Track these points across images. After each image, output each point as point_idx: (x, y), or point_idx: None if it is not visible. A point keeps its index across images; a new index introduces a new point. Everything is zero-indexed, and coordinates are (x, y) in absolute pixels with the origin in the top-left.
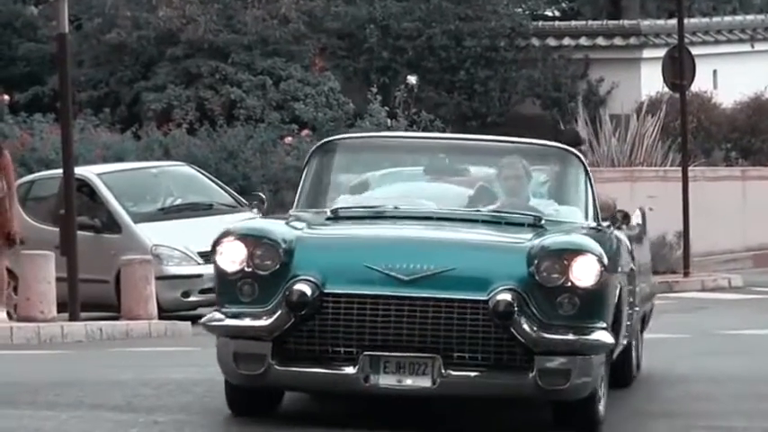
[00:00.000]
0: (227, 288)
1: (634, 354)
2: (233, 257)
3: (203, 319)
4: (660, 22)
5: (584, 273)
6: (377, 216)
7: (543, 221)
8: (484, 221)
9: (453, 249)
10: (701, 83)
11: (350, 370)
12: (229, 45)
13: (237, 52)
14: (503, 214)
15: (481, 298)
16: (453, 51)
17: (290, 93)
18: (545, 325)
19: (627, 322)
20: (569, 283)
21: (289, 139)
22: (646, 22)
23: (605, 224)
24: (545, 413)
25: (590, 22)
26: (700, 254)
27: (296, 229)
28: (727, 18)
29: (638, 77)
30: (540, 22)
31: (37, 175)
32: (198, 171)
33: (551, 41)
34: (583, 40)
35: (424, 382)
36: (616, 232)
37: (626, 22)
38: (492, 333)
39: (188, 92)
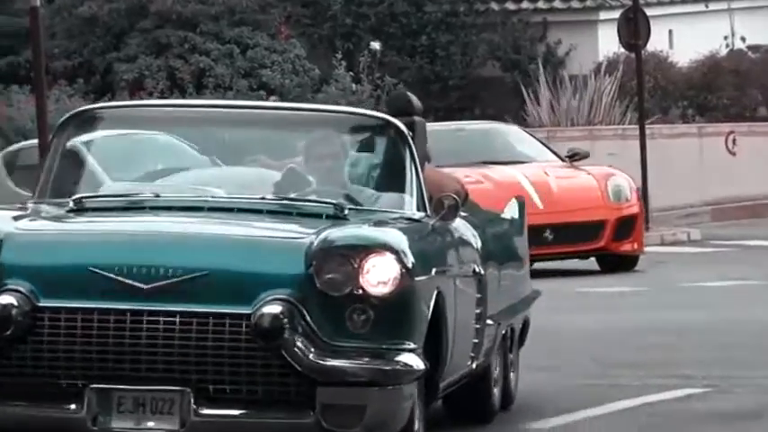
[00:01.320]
0: None
1: (494, 382)
2: None
3: None
4: None
5: (378, 276)
6: (131, 207)
7: (347, 211)
8: (270, 212)
9: (209, 248)
10: (656, 43)
11: (73, 409)
12: (197, 16)
13: (205, 22)
14: (296, 203)
15: (244, 311)
16: (414, 17)
17: (258, 60)
18: (329, 346)
19: (473, 340)
20: (360, 291)
21: None
22: None
23: (426, 214)
24: None
25: None
26: (659, 209)
27: (11, 223)
28: None
29: (596, 39)
30: None
31: (24, 143)
32: (179, 140)
33: (510, 5)
34: (541, 4)
35: (171, 425)
36: (448, 224)
37: None
38: (259, 358)
39: (158, 61)
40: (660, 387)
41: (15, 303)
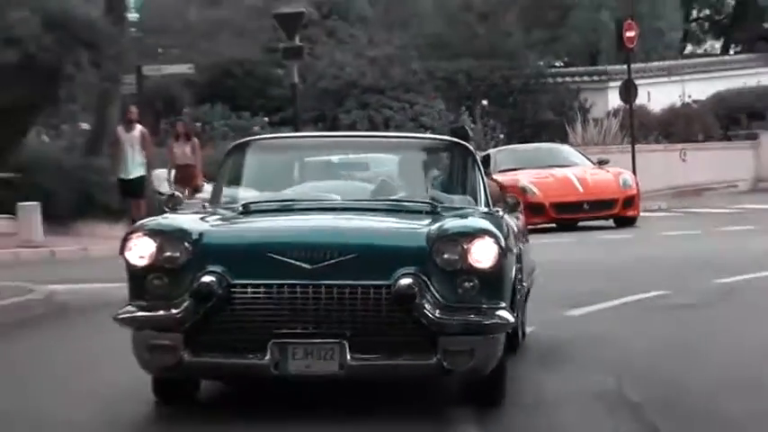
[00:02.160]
0: (137, 282)
1: (520, 324)
2: (142, 252)
3: (117, 314)
4: (618, 66)
5: (483, 255)
6: (284, 209)
7: (439, 208)
8: (384, 210)
9: (355, 237)
10: (641, 99)
11: (260, 358)
12: (386, 86)
13: (389, 90)
14: (402, 203)
15: (384, 283)
16: (506, 86)
17: (419, 112)
18: (447, 307)
19: (518, 298)
20: (469, 266)
21: None
22: (610, 67)
23: (495, 210)
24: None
25: (580, 68)
26: (644, 192)
27: (205, 223)
28: (654, 63)
29: (607, 97)
30: (553, 69)
31: None
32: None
33: (559, 79)
34: (577, 78)
35: (332, 367)
36: (506, 217)
37: (599, 67)
38: (396, 317)
39: (363, 113)
40: (639, 291)
41: (215, 281)
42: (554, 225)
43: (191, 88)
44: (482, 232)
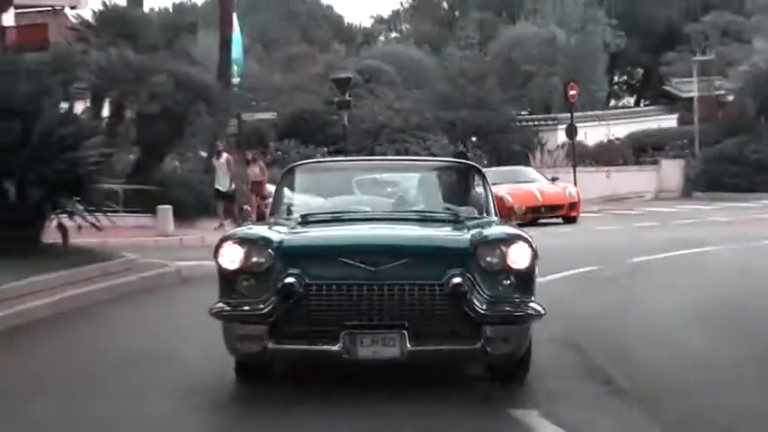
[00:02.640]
0: (228, 283)
1: None
2: (232, 258)
3: (212, 309)
4: (564, 114)
5: (519, 257)
6: (335, 219)
7: (462, 218)
8: (415, 219)
9: (410, 243)
10: (580, 137)
11: (333, 345)
12: (407, 128)
13: (409, 130)
14: (432, 213)
15: (437, 282)
16: (486, 128)
17: (430, 145)
18: (489, 301)
19: None
20: (507, 266)
21: None
22: (559, 115)
23: (504, 219)
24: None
25: (538, 116)
26: (582, 199)
27: (280, 233)
28: (589, 112)
29: (557, 135)
30: (520, 116)
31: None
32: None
33: (524, 123)
34: (536, 122)
35: (394, 353)
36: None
37: (551, 115)
38: (447, 310)
39: (392, 146)
40: (579, 267)
41: (296, 282)
42: (522, 222)
43: (275, 129)
44: (518, 238)
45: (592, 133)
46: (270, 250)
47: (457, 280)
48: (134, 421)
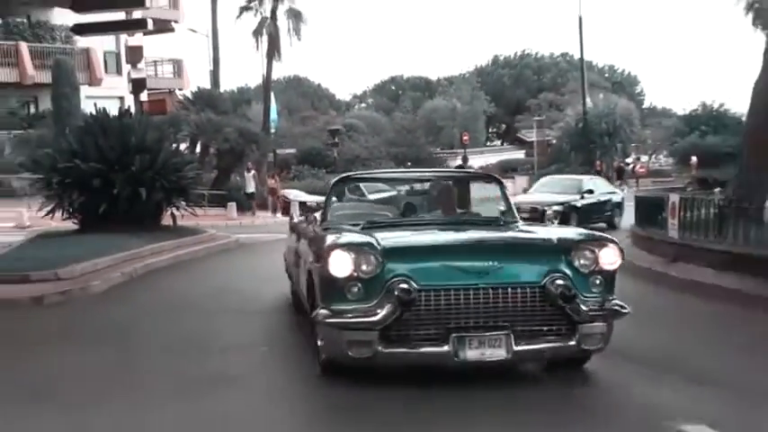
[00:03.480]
0: (335, 290)
1: None
2: (342, 265)
3: (317, 317)
4: (460, 150)
5: (609, 258)
6: (398, 225)
7: (502, 221)
8: (470, 222)
9: (506, 246)
10: (470, 163)
11: (443, 348)
12: (371, 159)
13: (374, 160)
14: (473, 218)
15: (537, 283)
16: (418, 159)
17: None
18: (584, 301)
19: None
20: (600, 267)
21: None
22: (457, 150)
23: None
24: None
25: (447, 150)
26: None
27: (379, 238)
28: (474, 149)
29: (456, 162)
30: (436, 151)
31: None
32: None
33: (440, 156)
34: (445, 154)
35: (501, 353)
36: None
37: (453, 150)
38: (547, 310)
39: (362, 168)
40: None
41: (409, 288)
42: None
43: (295, 158)
44: (607, 240)
45: (477, 161)
46: (377, 255)
47: (553, 281)
48: (210, 328)
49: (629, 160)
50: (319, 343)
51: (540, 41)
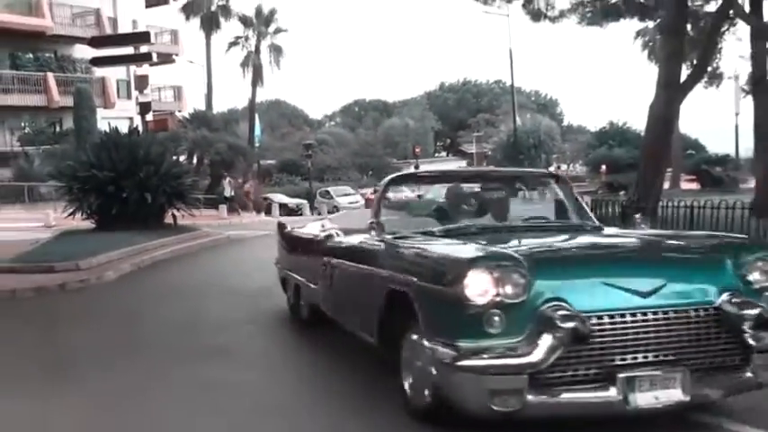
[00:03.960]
0: (468, 322)
1: None
2: (482, 288)
3: (445, 359)
4: (413, 160)
5: None
6: (477, 232)
7: (590, 227)
8: (552, 229)
9: (671, 258)
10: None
11: (609, 393)
12: (340, 168)
13: (341, 170)
14: (560, 223)
15: (712, 304)
16: (376, 168)
17: (354, 177)
18: (762, 324)
19: None
20: None
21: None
22: (411, 160)
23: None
24: None
25: (401, 161)
26: None
27: (523, 252)
28: (425, 159)
29: (410, 170)
30: (393, 161)
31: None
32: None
33: (394, 164)
34: (401, 164)
35: (677, 396)
36: None
37: (408, 160)
38: (722, 337)
39: (332, 176)
40: None
41: (571, 314)
42: None
43: (275, 168)
44: None
45: (426, 168)
46: (524, 273)
47: (740, 301)
48: (205, 308)
49: (551, 169)
50: (408, 384)
51: (479, 70)
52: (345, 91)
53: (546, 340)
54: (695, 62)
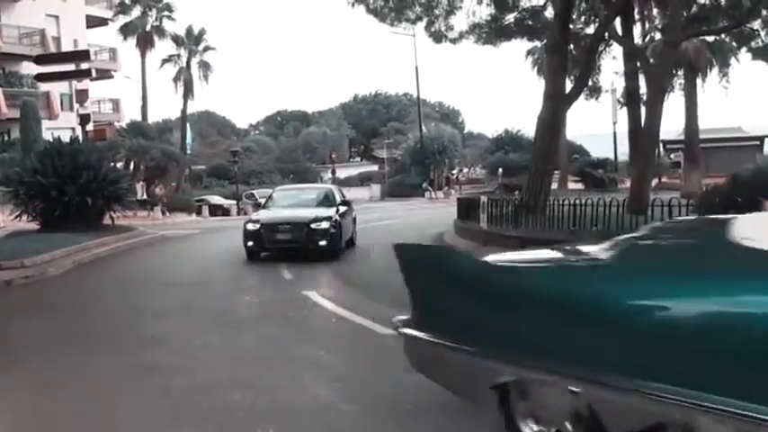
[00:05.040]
0: None
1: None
2: None
3: None
4: (330, 165)
5: None
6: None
7: None
8: None
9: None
10: (338, 175)
11: None
12: (262, 171)
13: (265, 174)
14: None
15: None
16: (296, 171)
17: (273, 180)
18: None
19: None
20: None
21: None
22: (328, 165)
23: None
24: None
25: (320, 165)
26: None
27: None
28: (341, 164)
29: (328, 174)
30: (311, 165)
31: None
32: None
33: (314, 168)
34: (319, 168)
35: None
36: None
37: (326, 165)
38: None
39: (256, 180)
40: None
41: None
42: None
43: (205, 173)
44: None
45: (343, 172)
46: None
47: None
48: (142, 299)
49: (454, 171)
50: None
51: (389, 83)
52: (268, 102)
53: None
54: (577, 77)
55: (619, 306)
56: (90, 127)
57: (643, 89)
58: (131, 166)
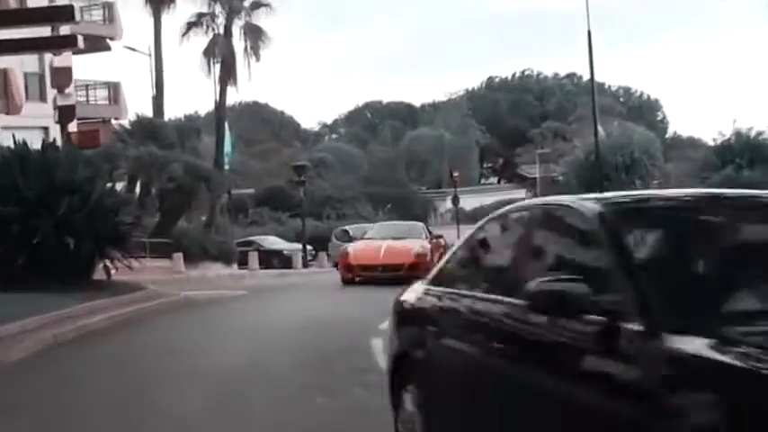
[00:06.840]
0: None
1: None
2: None
3: None
4: (450, 189)
5: None
6: None
7: None
8: None
9: None
10: (461, 204)
11: None
12: (344, 198)
13: (347, 200)
14: None
15: None
16: (401, 199)
17: (360, 209)
18: None
19: None
20: None
21: None
22: (446, 189)
23: None
24: None
25: (431, 190)
26: None
27: None
28: (466, 188)
29: (445, 204)
30: (421, 190)
31: None
32: None
33: (425, 196)
34: (431, 194)
35: None
36: None
37: (441, 189)
38: None
39: (334, 211)
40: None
41: None
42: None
43: (253, 199)
44: None
45: (469, 201)
46: None
47: None
48: (159, 395)
49: None
50: None
51: (543, 60)
52: (351, 90)
53: None
54: None
55: None
56: (74, 126)
57: None
58: (137, 188)
